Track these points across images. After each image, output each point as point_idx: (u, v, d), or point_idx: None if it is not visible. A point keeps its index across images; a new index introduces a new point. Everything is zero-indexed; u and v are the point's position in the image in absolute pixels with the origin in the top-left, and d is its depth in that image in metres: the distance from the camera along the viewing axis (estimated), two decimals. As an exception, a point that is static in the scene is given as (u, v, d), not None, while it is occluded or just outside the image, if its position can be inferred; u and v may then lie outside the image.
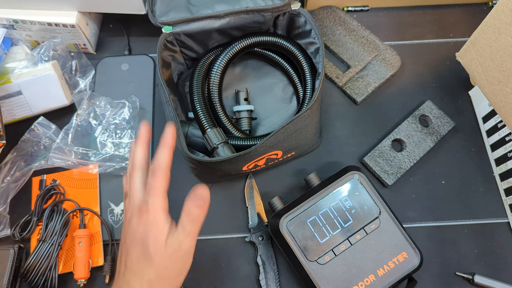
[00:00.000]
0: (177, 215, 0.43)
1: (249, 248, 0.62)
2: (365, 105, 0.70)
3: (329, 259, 0.53)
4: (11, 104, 0.65)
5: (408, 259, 0.53)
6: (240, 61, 0.71)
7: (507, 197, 0.63)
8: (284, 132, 0.54)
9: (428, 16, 0.76)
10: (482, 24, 0.57)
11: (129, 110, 0.66)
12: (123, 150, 0.64)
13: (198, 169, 0.58)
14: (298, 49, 0.64)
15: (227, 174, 0.60)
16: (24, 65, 0.66)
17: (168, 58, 0.63)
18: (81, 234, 0.60)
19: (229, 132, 0.63)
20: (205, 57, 0.66)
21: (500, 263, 0.61)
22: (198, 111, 0.61)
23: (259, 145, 0.53)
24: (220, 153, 0.57)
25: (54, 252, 0.57)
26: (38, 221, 0.60)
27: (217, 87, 0.64)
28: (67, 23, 0.65)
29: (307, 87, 0.63)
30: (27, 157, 0.65)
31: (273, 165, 0.64)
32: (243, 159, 0.55)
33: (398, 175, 0.64)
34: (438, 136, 0.66)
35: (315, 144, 0.66)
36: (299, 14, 0.62)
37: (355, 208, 0.54)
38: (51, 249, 0.57)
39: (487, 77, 0.59)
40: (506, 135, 0.61)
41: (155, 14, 0.61)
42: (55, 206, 0.61)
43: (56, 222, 0.59)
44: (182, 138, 0.55)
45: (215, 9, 0.60)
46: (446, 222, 0.63)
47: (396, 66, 0.70)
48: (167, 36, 0.61)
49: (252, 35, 0.64)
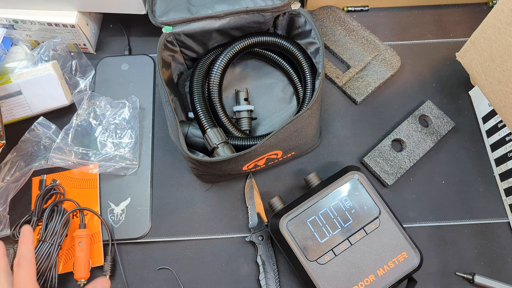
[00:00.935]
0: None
1: (249, 248, 0.62)
2: (365, 105, 0.70)
3: (329, 259, 0.53)
4: (11, 104, 0.65)
5: (408, 259, 0.53)
6: (240, 61, 0.71)
7: (507, 197, 0.63)
8: (284, 132, 0.54)
9: (428, 16, 0.76)
10: (482, 24, 0.57)
11: (129, 110, 0.66)
12: (123, 150, 0.64)
13: (198, 169, 0.58)
14: (298, 49, 0.64)
15: (227, 174, 0.60)
16: (24, 65, 0.66)
17: (168, 58, 0.63)
18: (81, 234, 0.60)
19: (229, 132, 0.63)
20: (205, 57, 0.66)
21: (500, 263, 0.61)
22: (198, 111, 0.61)
23: (259, 145, 0.53)
24: (220, 153, 0.57)
25: (54, 252, 0.57)
26: (38, 221, 0.60)
27: (217, 87, 0.64)
28: (67, 23, 0.65)
29: (307, 87, 0.63)
30: (27, 157, 0.65)
31: (273, 165, 0.64)
32: (243, 159, 0.55)
33: (398, 175, 0.64)
34: (438, 136, 0.66)
35: (315, 144, 0.66)
36: (299, 14, 0.62)
37: (355, 208, 0.54)
38: (51, 249, 0.57)
39: (487, 77, 0.59)
40: (506, 135, 0.61)
41: (155, 14, 0.61)
42: (55, 206, 0.61)
43: (56, 222, 0.59)
44: (182, 138, 0.55)
45: (215, 9, 0.60)
46: (446, 222, 0.63)
47: (396, 66, 0.70)
48: (167, 36, 0.61)
49: (252, 35, 0.64)
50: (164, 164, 0.67)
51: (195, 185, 0.65)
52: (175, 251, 0.62)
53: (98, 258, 0.61)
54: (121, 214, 0.63)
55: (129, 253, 0.62)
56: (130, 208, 0.63)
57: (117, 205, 0.64)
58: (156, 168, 0.66)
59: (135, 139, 0.65)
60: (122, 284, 0.60)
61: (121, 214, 0.63)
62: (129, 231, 0.62)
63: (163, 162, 0.67)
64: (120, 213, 0.63)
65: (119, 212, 0.63)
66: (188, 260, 0.62)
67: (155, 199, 0.65)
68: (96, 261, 0.60)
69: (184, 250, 0.62)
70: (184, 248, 0.62)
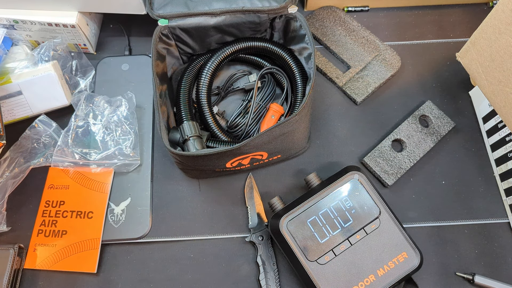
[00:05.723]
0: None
1: (249, 248, 0.62)
2: (365, 105, 0.70)
3: (329, 259, 0.53)
4: (12, 104, 0.65)
5: (408, 259, 0.53)
6: (228, 66, 0.71)
7: (507, 197, 0.63)
8: (269, 134, 0.54)
9: (428, 16, 0.76)
10: (482, 24, 0.57)
11: (126, 106, 0.66)
12: (124, 147, 0.64)
13: (181, 163, 0.58)
14: (289, 55, 0.65)
15: (211, 170, 0.61)
16: (24, 65, 0.66)
17: (163, 51, 0.64)
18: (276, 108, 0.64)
19: (214, 134, 0.63)
20: (201, 57, 0.67)
21: (500, 263, 0.61)
22: (180, 102, 0.62)
23: (241, 145, 0.53)
24: (190, 145, 0.58)
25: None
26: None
27: (206, 88, 0.64)
28: (67, 23, 0.65)
29: (298, 92, 0.63)
30: (26, 154, 0.65)
31: (258, 166, 0.64)
32: (225, 155, 0.55)
33: (398, 175, 0.64)
34: (438, 136, 0.66)
35: (303, 148, 0.66)
36: (295, 18, 0.62)
37: (355, 208, 0.54)
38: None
39: (487, 77, 0.59)
40: (506, 135, 0.61)
41: (153, 6, 0.61)
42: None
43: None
44: (163, 130, 0.56)
45: (212, 6, 0.61)
46: (446, 222, 0.63)
47: (396, 66, 0.70)
48: (162, 29, 0.61)
49: (244, 40, 0.65)
50: (164, 164, 0.67)
51: (195, 186, 0.65)
52: (175, 251, 0.62)
53: (92, 265, 0.60)
54: (121, 214, 0.63)
55: (129, 253, 0.62)
56: (130, 208, 0.63)
57: (117, 205, 0.64)
58: (156, 168, 0.66)
59: (135, 134, 0.65)
60: (122, 284, 0.60)
61: (121, 214, 0.63)
62: (129, 231, 0.62)
63: (163, 162, 0.67)
64: (120, 213, 0.63)
65: (119, 212, 0.63)
66: (188, 260, 0.62)
67: (155, 199, 0.65)
68: (89, 267, 0.60)
69: (184, 250, 0.62)
70: (184, 248, 0.62)
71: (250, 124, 0.65)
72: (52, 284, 0.60)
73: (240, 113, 0.67)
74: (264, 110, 0.66)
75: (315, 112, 0.69)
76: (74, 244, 0.61)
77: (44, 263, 0.60)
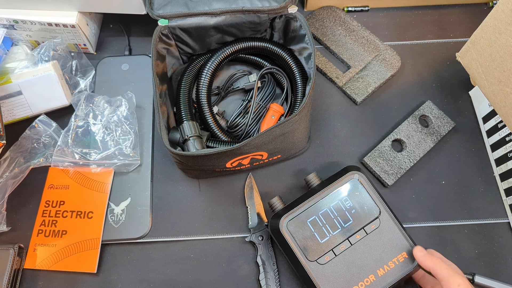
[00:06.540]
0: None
1: (249, 248, 0.62)
2: (365, 105, 0.70)
3: (329, 259, 0.53)
4: (11, 104, 0.65)
5: (408, 260, 0.53)
6: (228, 66, 0.71)
7: (507, 197, 0.63)
8: (269, 134, 0.54)
9: (428, 16, 0.76)
10: (482, 24, 0.57)
11: (126, 106, 0.66)
12: (124, 146, 0.64)
13: (181, 163, 0.58)
14: (289, 55, 0.65)
15: (211, 170, 0.61)
16: (24, 65, 0.66)
17: (163, 51, 0.64)
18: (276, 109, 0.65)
19: (214, 133, 0.63)
20: (201, 57, 0.67)
21: (500, 263, 0.61)
22: (180, 102, 0.62)
23: (241, 145, 0.53)
24: (190, 145, 0.58)
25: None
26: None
27: (206, 87, 0.64)
28: (67, 23, 0.65)
29: (298, 92, 0.63)
30: (26, 154, 0.65)
31: (258, 166, 0.64)
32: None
33: (398, 175, 0.64)
34: (438, 136, 0.66)
35: (303, 148, 0.66)
36: (295, 18, 0.62)
37: (355, 208, 0.54)
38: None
39: (487, 77, 0.59)
40: (506, 135, 0.61)
41: (153, 6, 0.61)
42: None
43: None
44: (163, 130, 0.56)
45: (212, 6, 0.61)
46: (446, 222, 0.63)
47: (396, 66, 0.70)
48: (162, 29, 0.61)
49: (242, 40, 0.65)
50: (164, 164, 0.67)
51: (195, 186, 0.65)
52: (175, 251, 0.62)
53: (92, 265, 0.60)
54: (121, 214, 0.63)
55: (129, 253, 0.62)
56: (130, 208, 0.63)
57: (117, 205, 0.64)
58: (156, 168, 0.66)
59: (135, 134, 0.65)
60: (122, 284, 0.60)
61: (121, 214, 0.63)
62: (129, 231, 0.62)
63: (163, 162, 0.67)
64: (120, 213, 0.63)
65: (119, 212, 0.63)
66: (188, 260, 0.62)
67: (155, 199, 0.65)
68: (89, 267, 0.60)
69: (184, 250, 0.62)
70: (184, 248, 0.62)
71: (250, 124, 0.65)
72: (52, 284, 0.60)
73: (240, 113, 0.67)
74: (264, 110, 0.66)
75: (315, 112, 0.69)
76: (74, 244, 0.61)
77: (44, 263, 0.60)
